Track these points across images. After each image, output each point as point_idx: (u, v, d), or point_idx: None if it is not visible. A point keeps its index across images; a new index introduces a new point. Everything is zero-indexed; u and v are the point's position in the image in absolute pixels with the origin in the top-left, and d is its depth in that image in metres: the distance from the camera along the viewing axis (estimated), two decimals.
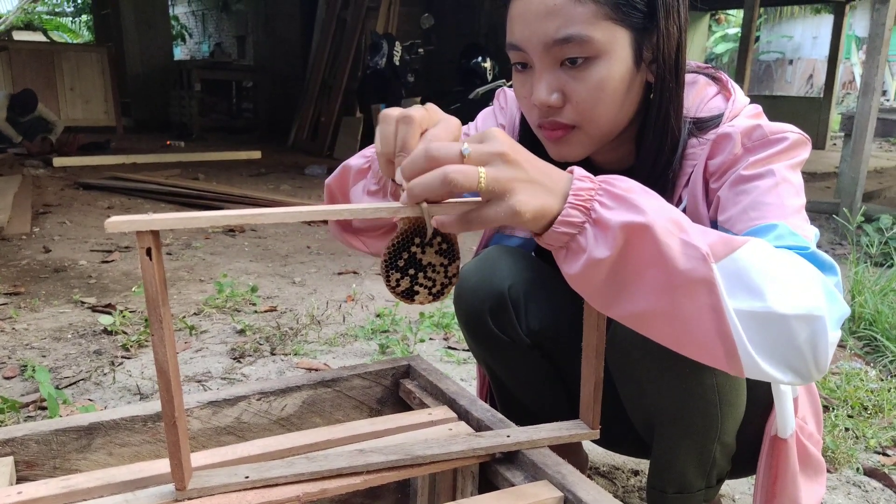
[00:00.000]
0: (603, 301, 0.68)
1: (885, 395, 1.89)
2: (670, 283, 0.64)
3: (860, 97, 4.38)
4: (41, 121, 6.89)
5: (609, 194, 0.64)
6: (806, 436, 0.98)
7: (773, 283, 0.65)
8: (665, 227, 0.63)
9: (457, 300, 1.09)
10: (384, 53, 6.39)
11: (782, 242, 0.75)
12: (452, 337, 2.34)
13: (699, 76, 0.96)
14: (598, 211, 0.64)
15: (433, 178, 0.61)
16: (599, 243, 0.63)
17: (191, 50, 16.78)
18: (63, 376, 1.94)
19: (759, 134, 0.84)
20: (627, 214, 0.63)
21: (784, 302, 0.65)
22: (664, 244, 0.63)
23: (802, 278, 0.68)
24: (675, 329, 0.66)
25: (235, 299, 2.62)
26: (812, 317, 0.66)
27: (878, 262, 2.89)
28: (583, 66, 0.82)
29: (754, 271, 0.65)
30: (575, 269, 0.66)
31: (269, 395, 0.98)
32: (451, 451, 0.81)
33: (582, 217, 0.64)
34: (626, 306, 0.66)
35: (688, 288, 0.64)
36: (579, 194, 0.64)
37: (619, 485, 1.50)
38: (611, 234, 0.63)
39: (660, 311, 0.65)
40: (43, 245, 3.43)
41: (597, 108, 0.84)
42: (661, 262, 0.63)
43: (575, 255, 0.65)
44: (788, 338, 0.66)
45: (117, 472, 0.79)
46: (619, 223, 0.62)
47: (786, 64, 19.17)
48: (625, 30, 0.82)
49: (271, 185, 5.58)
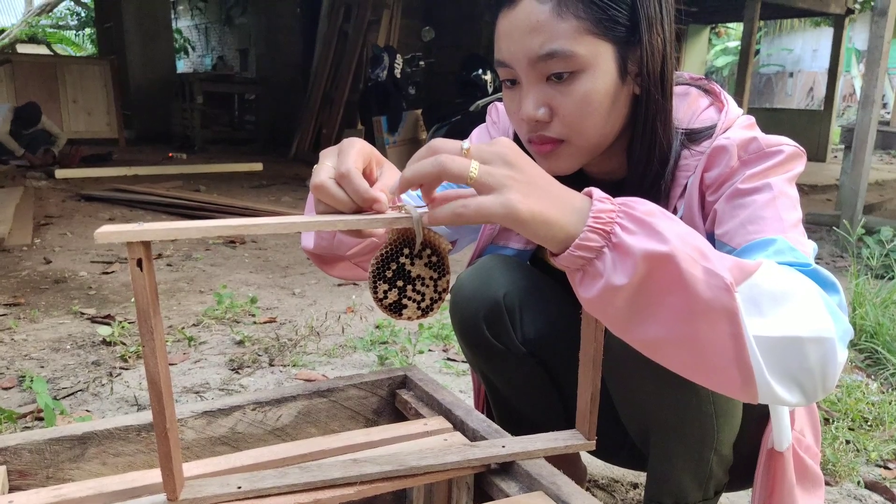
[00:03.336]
0: (618, 326, 0.66)
1: (886, 407, 1.88)
2: (691, 311, 0.62)
3: (860, 109, 4.38)
4: (44, 133, 6.91)
5: (630, 217, 0.62)
6: (803, 448, 0.97)
7: (787, 306, 0.65)
8: (688, 256, 0.61)
9: (452, 309, 1.09)
10: (385, 66, 6.42)
11: (782, 258, 0.74)
12: (452, 348, 2.33)
13: (691, 88, 0.96)
14: (618, 235, 0.62)
15: (426, 162, 0.63)
16: (618, 270, 0.62)
17: (193, 63, 16.86)
18: (61, 387, 1.94)
19: (756, 146, 0.84)
20: (650, 242, 0.61)
21: (798, 325, 0.65)
22: (687, 273, 0.61)
23: (812, 300, 0.68)
24: (692, 356, 0.65)
25: (235, 310, 2.62)
26: (823, 338, 0.66)
27: (878, 274, 2.88)
28: (568, 80, 0.83)
29: (769, 296, 0.65)
30: (591, 293, 0.64)
31: (263, 406, 0.98)
32: (446, 461, 0.80)
33: (601, 241, 0.62)
34: (643, 332, 0.65)
35: (709, 316, 0.62)
36: (599, 217, 0.62)
37: (618, 497, 1.49)
38: (631, 262, 0.61)
39: (678, 339, 0.64)
40: (44, 256, 3.44)
41: (584, 122, 0.85)
42: (683, 290, 0.62)
43: (591, 279, 0.63)
44: (801, 360, 0.66)
45: (110, 482, 0.78)
46: (641, 251, 0.61)
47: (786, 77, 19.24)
48: (608, 44, 0.83)
49: (273, 196, 5.60)
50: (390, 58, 6.46)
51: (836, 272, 3.61)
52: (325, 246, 0.94)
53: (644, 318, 0.64)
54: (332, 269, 1.00)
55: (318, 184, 0.70)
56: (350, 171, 0.69)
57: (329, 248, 0.95)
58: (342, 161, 0.71)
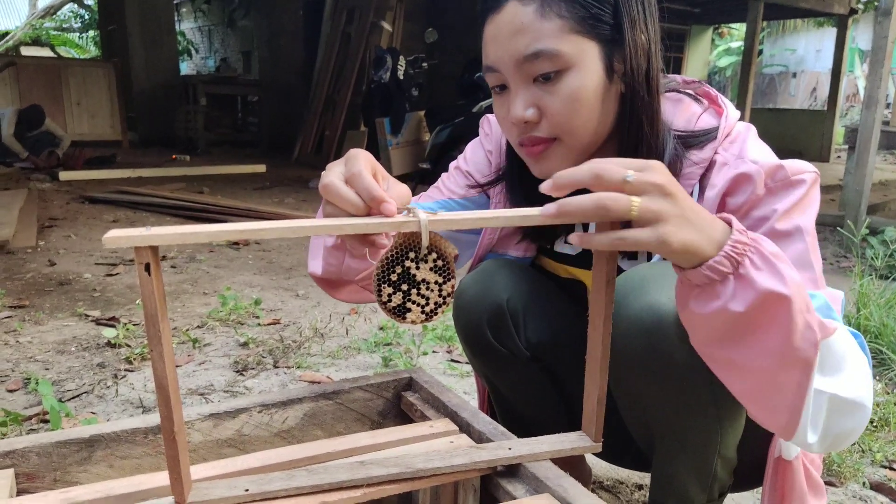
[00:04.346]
0: (709, 340, 0.71)
1: (891, 408, 1.88)
2: (781, 353, 0.68)
3: (864, 110, 4.38)
4: (48, 135, 6.94)
5: (759, 254, 0.67)
6: (809, 460, 0.97)
7: (846, 371, 0.74)
8: (799, 304, 0.67)
9: (455, 313, 1.09)
10: (388, 68, 6.42)
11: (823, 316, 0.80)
12: (456, 350, 2.34)
13: (683, 96, 0.96)
14: (746, 267, 0.66)
15: (588, 201, 0.64)
16: (737, 297, 0.66)
17: (197, 65, 16.90)
18: (66, 389, 1.94)
19: (782, 175, 0.85)
20: (773, 281, 0.66)
21: (850, 389, 0.74)
22: (794, 319, 0.67)
23: (863, 369, 0.77)
24: (757, 389, 0.72)
25: (239, 312, 2.63)
26: (865, 406, 0.75)
27: (882, 274, 2.88)
28: (555, 79, 0.84)
29: (837, 357, 0.73)
30: (703, 309, 0.69)
31: (270, 408, 0.98)
32: (453, 463, 0.80)
33: (730, 268, 0.66)
34: (727, 353, 0.71)
35: (791, 362, 0.69)
36: (736, 247, 0.66)
37: (623, 499, 1.49)
38: (751, 293, 0.66)
39: (755, 370, 0.70)
40: (48, 258, 3.45)
41: (573, 120, 0.86)
42: (784, 333, 0.67)
43: (709, 298, 0.68)
44: (841, 419, 0.75)
45: (117, 485, 0.78)
46: (763, 287, 0.66)
47: (789, 77, 19.20)
48: (593, 42, 0.84)
49: (276, 198, 5.60)
50: (393, 60, 6.46)
51: (840, 272, 3.60)
52: (334, 272, 0.97)
53: (736, 342, 0.69)
54: (339, 292, 1.02)
55: (326, 183, 0.71)
56: (361, 171, 0.71)
57: (338, 273, 0.97)
58: (351, 165, 0.72)
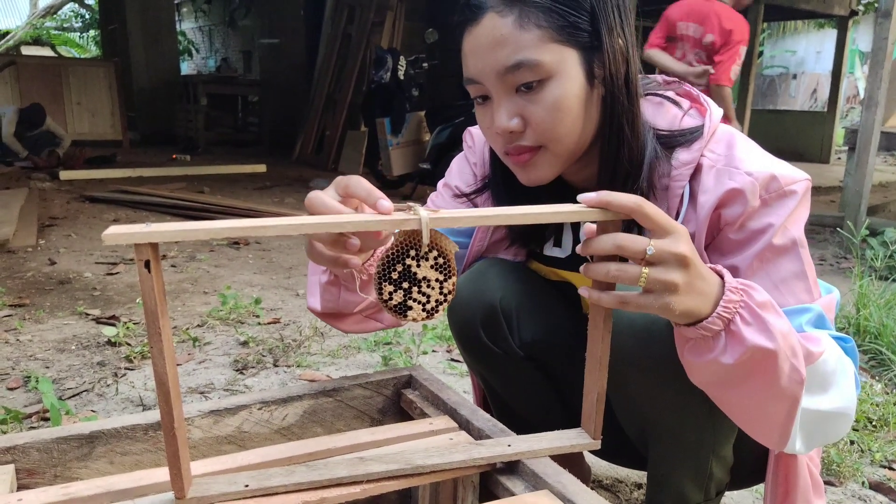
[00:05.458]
0: (703, 381, 0.79)
1: (890, 408, 1.88)
2: (769, 392, 0.75)
3: (864, 111, 4.37)
4: (49, 135, 6.93)
5: (749, 309, 0.72)
6: (808, 458, 0.97)
7: (833, 387, 0.80)
8: (785, 353, 0.73)
9: (450, 313, 1.09)
10: (389, 68, 6.41)
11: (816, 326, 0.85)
12: (455, 349, 2.34)
13: (664, 100, 0.96)
14: (737, 324, 0.72)
15: (606, 269, 0.71)
16: (727, 352, 0.73)
17: (197, 65, 16.90)
18: (66, 387, 1.95)
19: (776, 186, 0.86)
20: (760, 337, 0.72)
21: (836, 401, 0.80)
22: (779, 368, 0.73)
23: (849, 380, 0.82)
24: (749, 416, 0.80)
25: (239, 311, 2.63)
26: (849, 415, 0.83)
27: (882, 275, 2.87)
28: (537, 88, 0.85)
29: (824, 377, 0.79)
30: (696, 360, 0.76)
31: (270, 405, 0.98)
32: (452, 460, 0.81)
33: (721, 326, 0.72)
34: (720, 392, 0.79)
35: (779, 398, 0.76)
36: (728, 307, 0.72)
37: (622, 498, 1.49)
38: (740, 348, 0.72)
39: (747, 404, 0.78)
40: (48, 257, 3.45)
41: (556, 128, 0.86)
42: (770, 378, 0.74)
43: (701, 351, 0.75)
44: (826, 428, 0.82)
45: (117, 481, 0.79)
46: (752, 343, 0.71)
47: (789, 78, 19.18)
48: (573, 49, 0.84)
49: (276, 198, 5.60)
50: (394, 60, 6.46)
51: (839, 273, 3.60)
52: (332, 307, 0.98)
53: (728, 386, 0.77)
54: (343, 323, 1.03)
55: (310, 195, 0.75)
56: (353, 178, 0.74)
57: (336, 307, 0.98)
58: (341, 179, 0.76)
